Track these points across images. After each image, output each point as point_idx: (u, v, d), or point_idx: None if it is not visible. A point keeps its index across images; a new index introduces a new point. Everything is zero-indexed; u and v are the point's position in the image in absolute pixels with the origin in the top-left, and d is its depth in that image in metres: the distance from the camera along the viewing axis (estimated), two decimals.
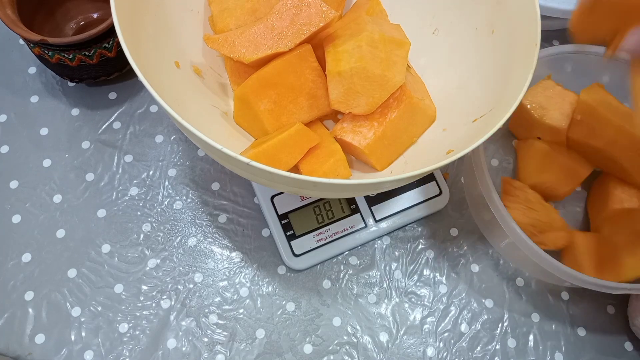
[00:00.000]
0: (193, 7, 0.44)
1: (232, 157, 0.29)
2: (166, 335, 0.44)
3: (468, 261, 0.49)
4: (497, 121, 0.33)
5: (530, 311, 0.48)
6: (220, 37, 0.40)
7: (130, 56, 0.31)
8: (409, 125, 0.42)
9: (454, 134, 0.40)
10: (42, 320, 0.44)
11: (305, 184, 0.31)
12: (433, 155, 0.36)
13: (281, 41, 0.39)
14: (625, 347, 0.48)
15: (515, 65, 0.37)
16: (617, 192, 0.48)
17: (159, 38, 0.39)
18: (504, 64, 0.39)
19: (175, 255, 0.47)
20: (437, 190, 0.49)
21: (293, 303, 0.46)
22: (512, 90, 0.36)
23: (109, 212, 0.48)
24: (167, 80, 0.37)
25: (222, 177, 0.50)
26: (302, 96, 0.41)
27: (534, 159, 0.50)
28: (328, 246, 0.47)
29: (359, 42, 0.39)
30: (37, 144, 0.50)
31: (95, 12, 0.53)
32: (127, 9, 0.34)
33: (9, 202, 0.48)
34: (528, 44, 0.36)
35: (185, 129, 0.30)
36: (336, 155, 0.40)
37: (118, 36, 0.32)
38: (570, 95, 0.50)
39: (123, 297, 0.45)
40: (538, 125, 0.50)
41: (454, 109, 0.42)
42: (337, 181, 0.29)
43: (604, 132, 0.47)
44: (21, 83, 0.52)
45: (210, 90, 0.44)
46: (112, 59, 0.48)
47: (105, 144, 0.50)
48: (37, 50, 0.46)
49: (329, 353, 0.45)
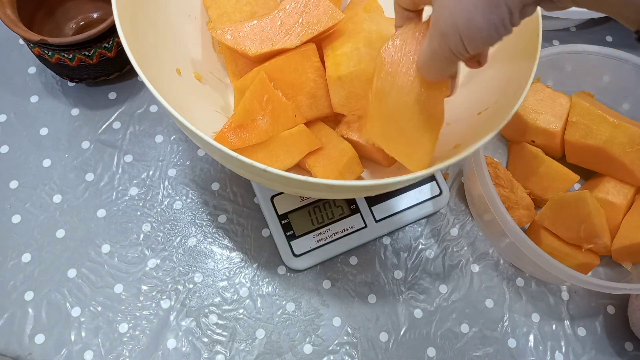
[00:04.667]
0: (190, 13, 0.44)
1: (248, 164, 0.29)
2: (166, 335, 0.44)
3: (468, 261, 0.49)
4: (503, 113, 0.33)
5: (531, 311, 0.48)
6: (226, 28, 0.40)
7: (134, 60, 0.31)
8: None
9: (458, 128, 0.40)
10: (42, 321, 0.44)
11: (321, 187, 0.31)
12: (439, 151, 0.36)
13: (288, 38, 0.39)
14: (625, 347, 0.48)
15: (518, 57, 0.37)
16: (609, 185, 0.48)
17: (159, 45, 0.39)
18: (506, 55, 0.39)
19: (175, 255, 0.47)
20: (437, 190, 0.49)
21: (293, 303, 0.46)
22: (516, 81, 0.36)
23: (109, 212, 0.48)
24: (169, 87, 0.37)
25: (222, 177, 0.50)
26: (302, 95, 0.41)
27: (523, 162, 0.50)
28: (328, 246, 0.47)
29: (357, 45, 0.39)
30: (37, 144, 0.50)
31: (94, 12, 0.53)
32: (128, 17, 0.34)
33: (8, 202, 0.48)
34: (530, 35, 0.36)
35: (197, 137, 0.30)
36: (349, 153, 0.41)
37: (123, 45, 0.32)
38: (561, 97, 0.50)
39: (123, 297, 0.45)
40: (531, 128, 0.50)
41: (458, 103, 0.42)
42: (356, 183, 0.29)
43: (601, 131, 0.47)
44: (21, 83, 0.52)
45: (212, 95, 0.43)
46: (112, 59, 0.48)
47: (105, 144, 0.50)
48: (37, 50, 0.46)
49: (329, 353, 0.45)
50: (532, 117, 0.49)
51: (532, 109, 0.50)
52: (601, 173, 0.50)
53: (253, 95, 0.38)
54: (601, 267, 0.50)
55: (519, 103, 0.33)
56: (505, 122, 0.33)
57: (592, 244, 0.45)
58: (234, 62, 0.44)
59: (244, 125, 0.37)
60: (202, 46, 0.45)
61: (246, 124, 0.37)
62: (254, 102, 0.38)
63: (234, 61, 0.44)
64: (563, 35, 0.61)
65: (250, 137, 0.37)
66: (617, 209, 0.47)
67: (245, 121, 0.37)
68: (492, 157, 0.50)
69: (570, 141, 0.49)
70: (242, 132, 0.37)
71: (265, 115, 0.38)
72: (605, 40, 0.61)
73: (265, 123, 0.38)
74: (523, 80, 0.35)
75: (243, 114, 0.37)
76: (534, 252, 0.42)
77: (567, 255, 0.46)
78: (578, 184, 0.52)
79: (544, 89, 0.50)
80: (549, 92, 0.50)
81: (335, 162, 0.40)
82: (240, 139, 0.37)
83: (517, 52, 0.38)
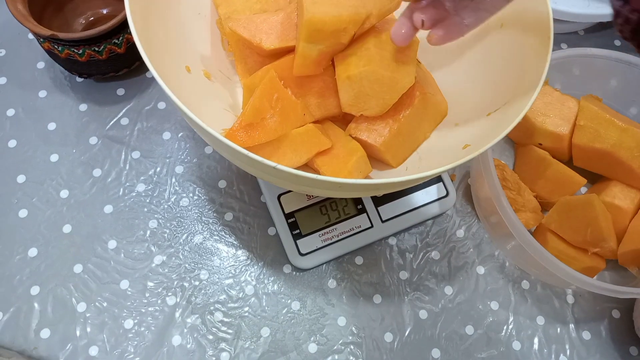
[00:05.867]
0: (200, 11, 0.44)
1: (258, 162, 0.29)
2: (171, 332, 0.44)
3: (474, 263, 0.49)
4: (512, 115, 0.33)
5: (536, 314, 0.48)
6: (242, 19, 0.40)
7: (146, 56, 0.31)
8: (422, 121, 0.42)
9: (468, 129, 0.40)
10: (47, 315, 0.44)
11: (331, 185, 0.31)
12: (448, 151, 0.36)
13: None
14: (630, 352, 0.48)
15: (528, 58, 0.37)
16: (615, 189, 0.48)
17: (169, 42, 0.39)
18: (516, 57, 0.39)
19: (181, 252, 0.47)
20: (444, 191, 0.49)
21: (298, 302, 0.46)
22: (527, 82, 0.36)
23: (116, 208, 0.48)
24: (179, 84, 0.37)
25: (229, 175, 0.50)
26: (311, 94, 0.41)
27: (530, 165, 0.50)
28: (334, 246, 0.47)
29: (367, 45, 0.38)
30: (44, 139, 0.50)
31: (104, 7, 0.53)
32: (139, 14, 0.34)
33: (15, 196, 0.48)
34: (541, 37, 0.36)
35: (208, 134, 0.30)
36: (357, 152, 0.41)
37: (135, 40, 0.32)
38: (569, 100, 0.50)
39: (129, 293, 0.45)
40: (539, 131, 0.50)
41: (466, 103, 0.42)
42: (365, 181, 0.29)
43: (609, 135, 0.47)
44: (29, 78, 0.52)
45: (220, 93, 0.43)
46: (121, 55, 0.48)
47: (112, 139, 0.50)
48: (46, 45, 0.46)
49: (333, 353, 0.45)
50: (540, 119, 0.49)
51: (540, 111, 0.50)
52: (608, 177, 0.50)
53: (263, 94, 0.38)
54: (607, 271, 0.50)
55: (529, 105, 0.33)
56: (514, 124, 0.33)
57: (599, 248, 0.45)
58: (244, 60, 0.44)
59: (253, 124, 0.37)
60: (212, 44, 0.45)
61: (256, 122, 0.37)
62: (264, 101, 0.38)
63: (244, 59, 0.44)
64: (571, 39, 0.61)
65: (260, 135, 0.37)
66: (624, 213, 0.47)
67: (255, 120, 0.37)
68: (499, 159, 0.50)
69: (577, 144, 0.49)
70: (251, 130, 0.37)
71: (274, 114, 0.38)
72: (613, 44, 0.61)
73: (274, 122, 0.38)
74: (533, 82, 0.35)
75: (253, 113, 0.37)
76: (540, 254, 0.42)
77: (573, 259, 0.46)
78: (585, 187, 0.52)
79: (552, 92, 0.50)
80: (557, 95, 0.50)
81: (344, 161, 0.40)
82: (250, 138, 0.37)
83: (528, 53, 0.38)
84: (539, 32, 0.37)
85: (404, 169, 0.42)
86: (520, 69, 0.38)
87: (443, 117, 0.43)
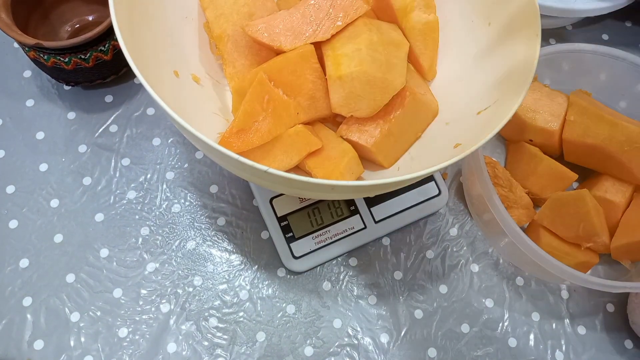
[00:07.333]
0: (187, 15, 0.44)
1: (249, 166, 0.29)
2: (166, 339, 0.44)
3: (468, 261, 0.49)
4: (503, 112, 0.33)
5: (531, 310, 0.48)
6: (260, 24, 0.40)
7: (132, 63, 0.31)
8: (413, 121, 0.42)
9: (458, 128, 0.40)
10: (40, 326, 0.44)
11: (323, 188, 0.30)
12: (439, 150, 0.36)
13: (319, 31, 0.39)
14: (625, 345, 0.48)
15: (517, 56, 0.37)
16: (607, 183, 0.48)
17: (157, 47, 0.38)
18: (504, 55, 0.39)
19: (174, 258, 0.47)
20: (436, 190, 0.49)
21: (293, 305, 0.46)
22: (517, 79, 0.36)
23: (107, 216, 0.48)
24: (168, 89, 0.37)
25: (221, 180, 0.50)
26: (301, 96, 0.41)
27: (521, 162, 0.50)
28: (328, 248, 0.47)
29: (359, 45, 0.38)
30: (33, 148, 0.50)
31: (90, 14, 0.53)
32: (125, 20, 0.34)
33: (5, 207, 0.47)
34: (528, 33, 0.36)
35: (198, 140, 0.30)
36: (349, 153, 0.40)
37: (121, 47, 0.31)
38: (559, 96, 0.50)
39: (122, 301, 0.45)
40: (529, 127, 0.50)
41: (456, 102, 0.42)
42: (358, 183, 0.29)
43: (599, 130, 0.47)
44: (16, 87, 0.52)
45: (210, 97, 0.43)
46: (108, 62, 0.48)
47: (102, 147, 0.50)
48: (32, 54, 0.46)
49: (329, 355, 0.45)
50: (530, 116, 0.50)
51: (530, 108, 0.50)
52: (599, 171, 0.50)
53: (253, 97, 0.38)
54: (600, 266, 0.50)
55: (519, 102, 0.33)
56: (504, 122, 0.33)
57: (591, 243, 0.46)
58: (232, 63, 0.44)
59: (246, 129, 0.37)
60: (200, 48, 0.45)
61: (248, 126, 0.37)
62: (255, 104, 0.37)
63: (232, 63, 0.44)
64: (559, 34, 0.61)
65: (254, 139, 0.37)
66: (616, 207, 0.47)
67: (248, 124, 0.37)
68: (491, 157, 0.50)
69: (568, 140, 0.49)
70: (245, 135, 0.37)
71: (267, 115, 0.38)
72: (601, 38, 0.61)
73: (268, 124, 0.38)
74: (523, 79, 0.35)
75: (245, 118, 0.37)
76: (533, 251, 0.42)
77: (566, 254, 0.46)
78: (576, 182, 0.53)
79: (541, 88, 0.51)
80: (546, 91, 0.50)
81: (336, 162, 0.40)
82: (244, 142, 0.36)
83: (516, 50, 0.38)
84: (526, 28, 0.37)
85: (396, 170, 0.42)
86: (509, 66, 0.38)
87: (434, 117, 0.43)
